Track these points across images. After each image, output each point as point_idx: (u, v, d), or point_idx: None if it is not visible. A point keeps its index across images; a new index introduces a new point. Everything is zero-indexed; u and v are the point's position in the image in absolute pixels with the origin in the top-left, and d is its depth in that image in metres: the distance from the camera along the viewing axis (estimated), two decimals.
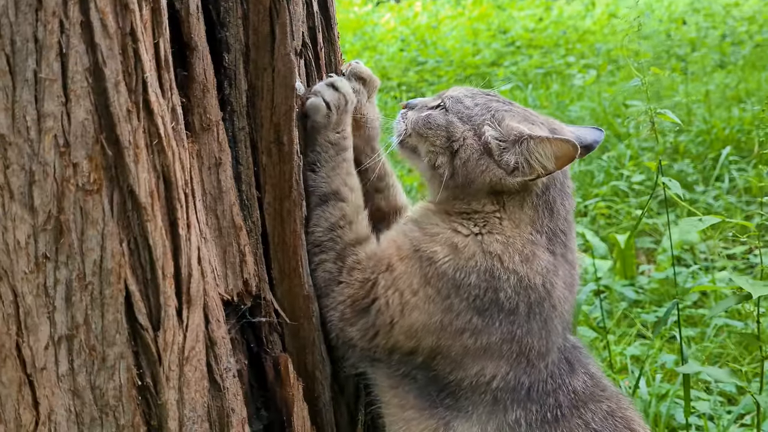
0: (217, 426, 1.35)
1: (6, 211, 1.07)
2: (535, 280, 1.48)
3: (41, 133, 1.07)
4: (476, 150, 1.53)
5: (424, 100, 1.68)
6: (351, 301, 1.53)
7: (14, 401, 1.11)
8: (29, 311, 1.10)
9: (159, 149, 1.17)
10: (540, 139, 1.46)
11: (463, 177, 1.53)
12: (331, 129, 1.55)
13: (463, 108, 1.58)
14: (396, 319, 1.49)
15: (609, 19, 8.73)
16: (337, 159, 1.56)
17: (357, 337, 1.53)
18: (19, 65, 1.04)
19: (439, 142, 1.56)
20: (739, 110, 5.62)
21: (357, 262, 1.54)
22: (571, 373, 1.53)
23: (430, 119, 1.58)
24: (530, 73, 7.08)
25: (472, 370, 1.48)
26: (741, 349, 3.31)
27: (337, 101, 1.54)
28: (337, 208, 1.55)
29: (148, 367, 1.21)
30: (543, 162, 1.47)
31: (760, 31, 7.75)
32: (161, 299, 1.19)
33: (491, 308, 1.47)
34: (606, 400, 1.52)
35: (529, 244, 1.51)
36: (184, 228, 1.22)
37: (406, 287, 1.50)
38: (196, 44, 1.34)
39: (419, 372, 1.52)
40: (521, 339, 1.47)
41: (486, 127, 1.54)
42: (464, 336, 1.47)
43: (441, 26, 8.95)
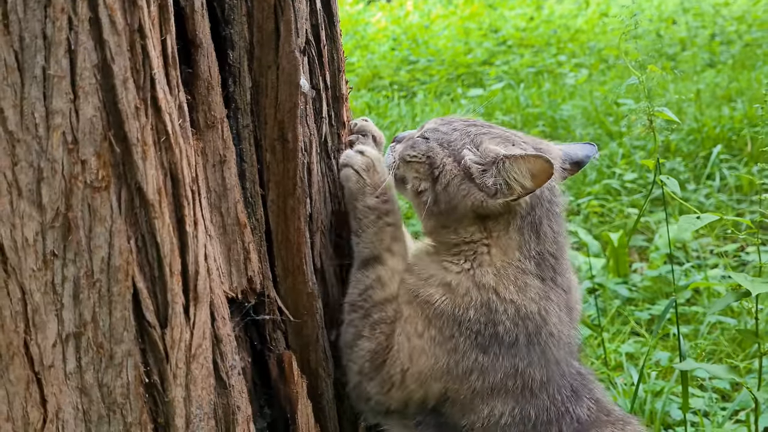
0: (223, 423, 1.35)
1: (14, 209, 1.06)
2: (531, 308, 1.48)
3: (50, 130, 1.07)
4: (456, 175, 1.53)
5: (411, 132, 1.70)
6: (371, 356, 1.54)
7: (22, 399, 1.11)
8: (37, 309, 1.10)
9: (167, 146, 1.17)
10: (514, 158, 1.46)
11: (446, 203, 1.53)
12: (368, 194, 1.56)
13: (442, 134, 1.59)
14: (406, 365, 1.50)
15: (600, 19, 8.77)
16: (378, 224, 1.56)
17: (374, 392, 1.54)
18: (28, 62, 1.04)
19: (422, 170, 1.57)
20: (729, 109, 5.66)
21: (381, 318, 1.55)
22: (576, 400, 1.53)
23: (414, 146, 1.60)
24: (522, 72, 7.09)
25: (483, 412, 1.48)
26: (734, 345, 3.34)
27: (365, 164, 1.57)
28: (374, 271, 1.56)
29: (156, 364, 1.21)
30: (520, 180, 1.46)
31: (749, 30, 7.80)
32: (169, 296, 1.19)
33: (492, 344, 1.47)
34: (610, 425, 1.52)
35: (521, 273, 1.51)
36: (191, 225, 1.22)
37: (412, 330, 1.51)
38: (201, 41, 1.34)
39: (432, 418, 1.53)
40: (524, 371, 1.48)
41: (465, 151, 1.54)
42: (472, 377, 1.48)
43: (432, 25, 8.96)
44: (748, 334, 1.87)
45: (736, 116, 5.52)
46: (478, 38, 8.35)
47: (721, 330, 3.48)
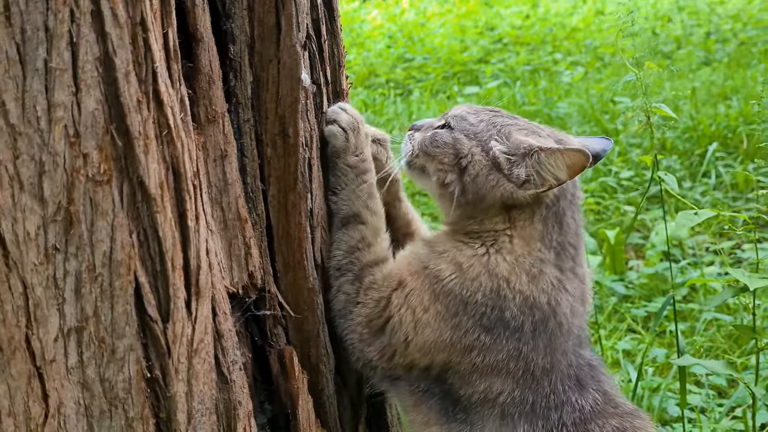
0: (224, 419, 1.34)
1: (16, 202, 1.06)
2: (540, 299, 1.49)
3: (51, 123, 1.06)
4: (485, 165, 1.53)
5: (430, 120, 1.70)
6: (367, 320, 1.55)
7: (23, 394, 1.10)
8: (39, 303, 1.09)
9: (168, 140, 1.17)
10: (551, 151, 1.47)
11: (474, 193, 1.54)
12: (350, 153, 1.57)
13: (468, 125, 1.58)
14: (410, 336, 1.51)
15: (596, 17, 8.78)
16: (357, 181, 1.58)
17: (376, 358, 1.55)
18: (30, 54, 1.03)
19: (447, 160, 1.57)
20: (725, 107, 5.67)
21: (373, 282, 1.56)
22: (580, 390, 1.52)
23: (437, 137, 1.59)
24: (518, 70, 7.10)
25: (480, 387, 1.49)
26: (731, 342, 3.35)
27: (350, 124, 1.58)
28: (357, 231, 1.57)
29: (157, 359, 1.20)
30: (555, 173, 1.47)
31: (745, 29, 7.82)
32: (170, 291, 1.19)
33: (497, 326, 1.48)
34: (617, 417, 1.51)
35: (538, 262, 1.51)
36: (193, 219, 1.21)
37: (417, 304, 1.51)
38: (202, 35, 1.33)
39: (436, 386, 1.54)
40: (527, 356, 1.48)
41: (493, 142, 1.54)
42: (473, 353, 1.49)
43: (428, 23, 8.96)
44: (746, 330, 1.88)
45: (732, 114, 5.53)
46: (474, 36, 8.35)
47: (717, 327, 3.49)
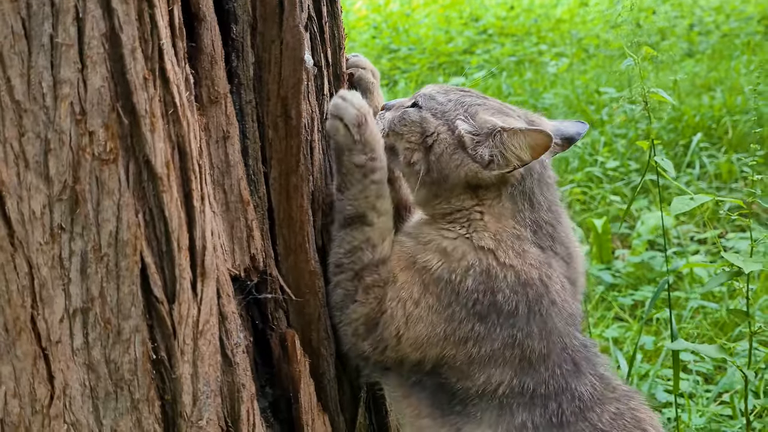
0: (228, 401, 1.34)
1: (21, 181, 1.04)
2: (532, 274, 1.47)
3: (57, 100, 1.04)
4: (450, 144, 1.53)
5: (401, 100, 1.68)
6: (365, 318, 1.53)
7: (29, 375, 1.09)
8: (44, 283, 1.08)
9: (174, 119, 1.15)
10: (513, 131, 1.46)
11: (438, 172, 1.53)
12: (357, 151, 1.49)
13: (436, 104, 1.58)
14: (402, 331, 1.49)
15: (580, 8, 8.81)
16: (364, 182, 1.50)
17: (369, 351, 1.53)
18: (35, 29, 1.01)
19: (414, 139, 1.56)
20: (708, 98, 5.71)
21: (373, 282, 1.52)
22: (577, 374, 1.50)
23: (405, 116, 1.59)
24: (503, 61, 7.11)
25: (479, 380, 1.47)
26: (716, 330, 3.39)
27: (356, 119, 1.49)
28: (362, 233, 1.52)
29: (163, 340, 1.19)
30: (518, 153, 1.46)
31: (727, 21, 7.89)
32: (176, 272, 1.18)
33: (491, 313, 1.46)
34: (615, 402, 1.50)
35: (516, 240, 1.50)
36: (198, 200, 1.20)
37: (408, 297, 1.49)
38: (205, 15, 1.32)
39: (428, 379, 1.52)
40: (522, 342, 1.46)
41: (458, 122, 1.54)
42: (468, 344, 1.46)
43: (413, 13, 8.95)
44: (739, 314, 1.89)
45: (716, 105, 5.58)
46: (459, 27, 8.35)
47: (703, 314, 3.53)
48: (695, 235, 4.35)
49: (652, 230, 4.33)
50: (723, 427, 2.66)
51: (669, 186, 4.77)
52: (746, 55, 6.63)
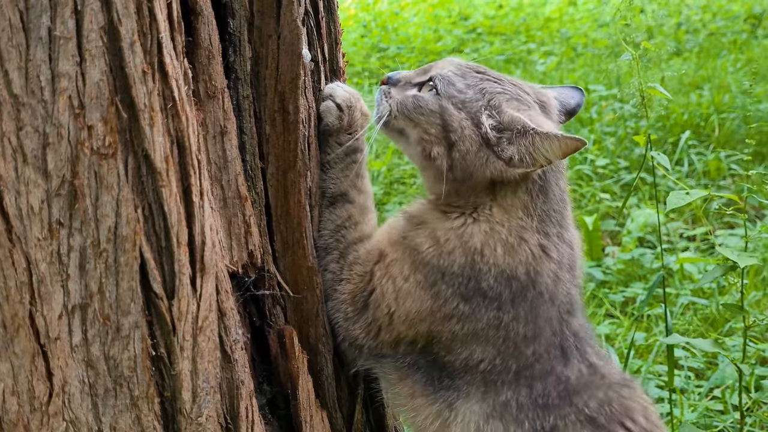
0: (227, 398, 1.33)
1: (19, 175, 1.03)
2: (518, 271, 1.46)
3: (55, 94, 1.03)
4: (475, 141, 1.46)
5: (407, 74, 1.58)
6: (351, 297, 1.53)
7: (27, 372, 1.08)
8: (42, 279, 1.07)
9: (173, 113, 1.14)
10: (547, 136, 1.41)
11: (462, 170, 1.48)
12: (343, 131, 1.53)
13: (456, 92, 1.49)
14: (393, 308, 1.49)
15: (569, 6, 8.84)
16: (346, 160, 1.54)
17: (362, 336, 1.53)
18: (33, 22, 1.00)
19: (433, 131, 1.49)
20: (696, 96, 5.75)
21: (357, 258, 1.53)
22: (564, 359, 1.50)
23: (421, 103, 1.50)
24: (492, 59, 7.12)
25: (461, 354, 1.48)
26: (707, 325, 3.41)
27: (347, 100, 1.53)
28: (344, 210, 1.54)
29: (162, 337, 1.18)
30: (548, 156, 1.42)
31: (714, 19, 7.94)
32: (176, 267, 1.16)
33: (475, 296, 1.46)
34: (605, 389, 1.48)
35: (516, 230, 1.48)
36: (198, 195, 1.19)
37: (398, 273, 1.49)
38: (202, 9, 1.31)
39: (421, 358, 1.52)
40: (507, 324, 1.46)
41: (484, 117, 1.47)
42: (452, 321, 1.47)
43: (402, 12, 8.95)
44: (734, 308, 1.91)
45: (704, 103, 5.61)
46: (448, 26, 8.36)
47: (694, 311, 3.56)
48: (684, 231, 4.38)
49: (642, 227, 4.35)
50: (715, 422, 2.68)
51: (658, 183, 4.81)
52: (733, 54, 6.67)
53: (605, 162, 5.02)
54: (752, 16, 7.82)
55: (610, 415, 1.45)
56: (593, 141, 5.27)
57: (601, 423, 1.44)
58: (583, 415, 1.45)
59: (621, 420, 1.44)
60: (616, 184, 4.85)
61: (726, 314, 3.43)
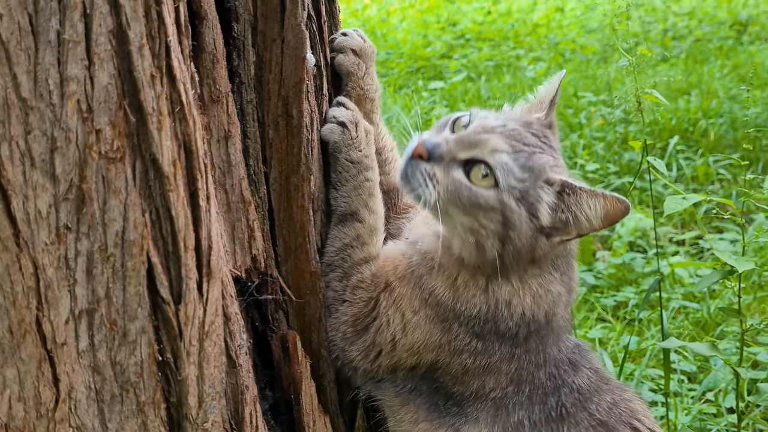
0: (232, 403, 1.32)
1: (27, 179, 1.02)
2: (539, 315, 1.47)
3: (64, 98, 1.02)
4: (530, 233, 1.39)
5: (447, 144, 1.41)
6: (353, 320, 1.52)
7: (34, 378, 1.06)
8: (50, 284, 1.06)
9: (181, 117, 1.14)
10: (593, 194, 1.35)
11: (512, 256, 1.41)
12: (353, 147, 1.52)
13: (515, 181, 1.37)
14: (398, 337, 1.49)
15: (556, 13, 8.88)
16: (359, 178, 1.52)
17: (358, 358, 1.52)
18: (42, 25, 0.99)
19: (492, 227, 1.39)
20: (684, 101, 5.79)
21: (361, 281, 1.52)
22: (575, 371, 1.53)
23: (479, 199, 1.37)
24: (480, 65, 7.15)
25: (473, 386, 1.49)
26: (698, 329, 3.43)
27: (352, 117, 1.53)
28: (353, 229, 1.53)
29: (169, 342, 1.17)
30: (593, 223, 1.37)
31: (700, 26, 8.01)
32: (183, 272, 1.16)
33: (491, 335, 1.47)
34: (610, 392, 1.53)
35: (546, 284, 1.47)
36: (204, 199, 1.19)
37: (407, 307, 1.49)
38: (206, 13, 1.30)
39: (424, 383, 1.53)
40: (520, 357, 1.48)
41: (542, 207, 1.39)
42: (463, 356, 1.48)
43: (390, 18, 8.96)
44: (731, 312, 1.92)
45: (692, 108, 5.66)
46: (437, 31, 8.38)
47: (685, 315, 3.58)
48: (674, 236, 4.40)
49: (632, 232, 4.38)
50: (708, 425, 2.69)
51: (647, 189, 4.84)
52: (720, 60, 6.73)
53: (595, 167, 5.05)
54: (737, 22, 7.90)
55: (618, 418, 1.49)
56: (583, 146, 5.29)
57: (612, 425, 1.47)
58: (595, 419, 1.48)
59: (629, 421, 1.49)
60: (606, 188, 4.88)
61: (717, 318, 3.46)
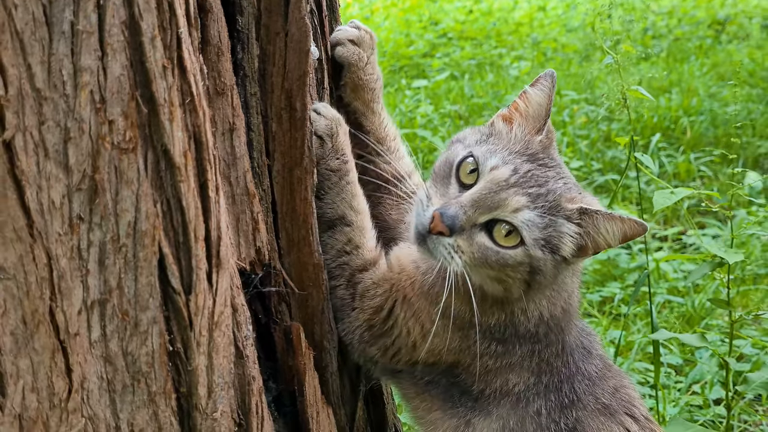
0: (239, 394, 1.33)
1: (41, 170, 1.02)
2: (556, 311, 1.49)
3: (77, 88, 1.03)
4: (555, 265, 1.40)
5: (467, 212, 1.37)
6: (367, 325, 1.55)
7: (47, 368, 1.06)
8: (63, 275, 1.06)
9: (191, 108, 1.14)
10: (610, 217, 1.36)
11: (536, 290, 1.44)
12: (330, 157, 1.52)
13: (539, 232, 1.37)
14: (419, 342, 1.52)
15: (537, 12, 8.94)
16: (340, 184, 1.54)
17: (379, 355, 1.56)
18: (56, 16, 1.00)
19: (519, 276, 1.40)
20: (665, 100, 5.86)
21: (366, 289, 1.55)
22: (587, 357, 1.56)
23: (507, 259, 1.37)
24: (463, 64, 7.18)
25: (495, 384, 1.52)
26: (683, 323, 3.48)
27: (328, 129, 1.51)
28: (343, 234, 1.55)
29: (179, 332, 1.18)
30: (609, 242, 1.38)
31: (679, 25, 8.11)
32: (193, 262, 1.16)
33: (511, 338, 1.49)
34: (612, 378, 1.57)
35: (560, 284, 1.48)
36: (213, 190, 1.19)
37: (426, 319, 1.51)
38: (212, 6, 1.31)
39: (443, 377, 1.55)
40: (541, 351, 1.51)
41: (565, 242, 1.39)
42: (484, 358, 1.50)
43: (373, 17, 8.97)
44: (720, 303, 1.96)
45: (673, 106, 5.73)
46: (419, 30, 8.41)
47: (670, 309, 3.63)
48: (657, 232, 4.46)
49: None
50: (695, 416, 2.74)
51: (630, 186, 4.89)
52: (699, 59, 6.82)
53: (579, 164, 5.10)
54: (716, 21, 8.01)
55: (620, 403, 1.53)
56: (566, 144, 5.34)
57: (614, 409, 1.51)
58: (600, 403, 1.52)
59: (627, 408, 1.52)
60: (590, 186, 4.93)
61: (702, 312, 3.51)
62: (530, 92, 1.49)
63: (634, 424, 1.52)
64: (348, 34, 1.63)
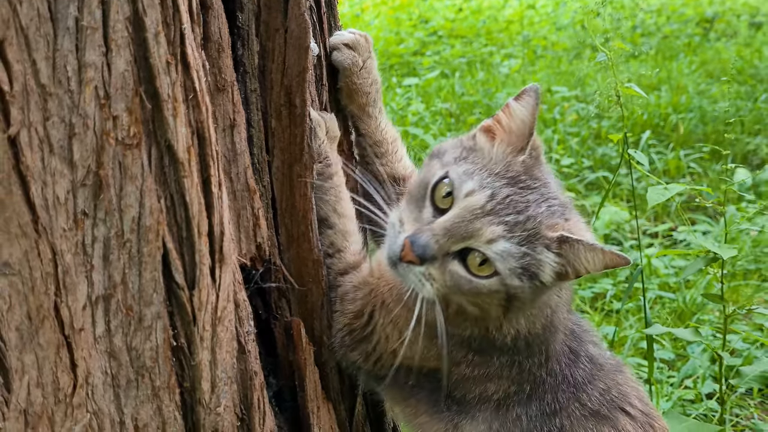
0: (241, 389, 1.33)
1: (45, 166, 1.02)
2: (536, 329, 1.46)
3: (82, 84, 1.03)
4: (534, 290, 1.36)
5: (439, 241, 1.33)
6: (348, 330, 1.55)
7: (52, 364, 1.07)
8: (67, 270, 1.06)
9: (194, 104, 1.15)
10: (593, 248, 1.30)
11: (514, 311, 1.41)
12: (315, 161, 1.52)
13: (515, 261, 1.32)
14: (398, 349, 1.51)
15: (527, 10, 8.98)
16: (323, 187, 1.53)
17: (361, 360, 1.56)
18: (61, 12, 1.00)
19: (496, 302, 1.37)
20: (655, 97, 5.90)
21: (345, 293, 1.55)
22: (574, 362, 1.52)
23: (481, 288, 1.34)
24: (453, 62, 7.20)
25: (474, 392, 1.51)
26: (675, 318, 3.51)
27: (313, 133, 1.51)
28: (326, 237, 1.55)
29: (183, 327, 1.18)
30: (588, 269, 1.32)
31: (668, 23, 8.16)
32: (197, 258, 1.17)
33: (488, 348, 1.47)
34: (602, 379, 1.53)
35: (541, 304, 1.45)
36: (216, 186, 1.20)
37: (404, 326, 1.47)
38: (212, 2, 1.31)
39: (426, 381, 1.55)
40: (522, 362, 1.48)
41: (544, 269, 1.34)
42: (461, 366, 1.49)
43: (363, 15, 8.98)
44: (713, 298, 1.98)
45: (662, 104, 5.76)
46: (409, 28, 8.42)
47: (661, 304, 3.66)
48: (648, 228, 4.49)
49: (608, 224, 4.46)
50: (688, 411, 2.76)
51: (620, 182, 4.92)
52: (688, 56, 6.87)
53: (570, 161, 5.12)
54: (704, 19, 8.06)
55: (611, 403, 1.51)
56: (557, 141, 5.37)
57: (604, 414, 1.49)
58: (587, 409, 1.50)
59: (621, 406, 1.50)
60: (581, 183, 4.96)
61: (693, 307, 3.55)
62: (514, 106, 1.42)
63: (629, 422, 1.50)
64: (343, 38, 1.63)
